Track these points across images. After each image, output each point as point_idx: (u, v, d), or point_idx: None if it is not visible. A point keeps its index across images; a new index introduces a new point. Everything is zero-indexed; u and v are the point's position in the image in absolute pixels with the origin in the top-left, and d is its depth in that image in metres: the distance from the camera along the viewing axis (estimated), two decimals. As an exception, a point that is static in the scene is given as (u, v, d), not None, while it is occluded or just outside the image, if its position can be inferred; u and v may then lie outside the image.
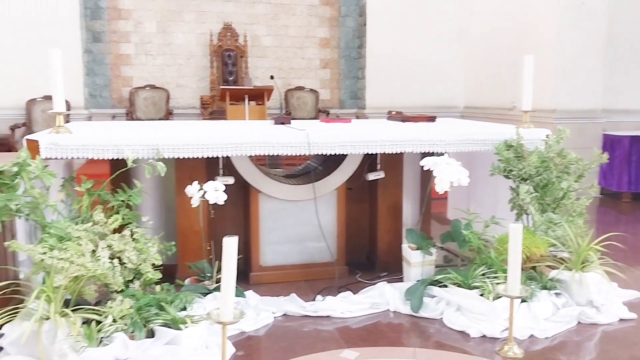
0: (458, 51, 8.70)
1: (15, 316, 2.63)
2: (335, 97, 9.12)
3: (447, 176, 3.22)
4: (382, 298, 3.41)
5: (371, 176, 3.92)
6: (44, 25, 7.23)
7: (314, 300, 3.41)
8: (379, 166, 3.94)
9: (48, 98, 7.20)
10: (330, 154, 3.58)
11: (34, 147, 3.02)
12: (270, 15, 8.59)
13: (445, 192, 3.53)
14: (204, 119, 7.97)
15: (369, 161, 3.97)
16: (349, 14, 8.87)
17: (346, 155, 3.81)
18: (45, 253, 2.61)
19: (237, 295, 2.76)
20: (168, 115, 8.17)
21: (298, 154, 3.50)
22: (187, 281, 3.44)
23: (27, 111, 7.28)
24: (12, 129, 7.16)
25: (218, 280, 3.34)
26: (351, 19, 8.89)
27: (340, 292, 3.54)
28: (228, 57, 8.40)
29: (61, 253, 2.61)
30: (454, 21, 8.62)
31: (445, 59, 8.70)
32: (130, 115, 8.02)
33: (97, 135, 3.22)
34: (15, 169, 2.84)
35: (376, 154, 3.83)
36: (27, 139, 3.09)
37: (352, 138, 3.53)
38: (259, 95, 7.00)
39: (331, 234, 3.87)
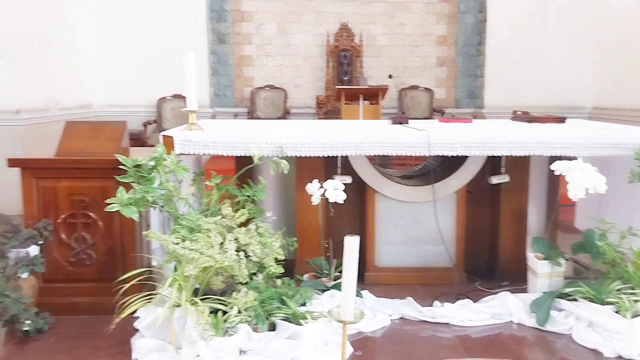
0: (586, 46, 8.05)
1: (148, 301, 2.81)
2: (451, 96, 8.88)
3: (582, 182, 3.00)
4: (504, 308, 3.25)
5: (494, 179, 3.76)
6: (174, 28, 7.73)
7: (431, 305, 3.33)
8: (503, 169, 3.77)
9: (177, 97, 7.72)
10: (449, 156, 3.48)
11: (169, 142, 3.21)
12: (386, 14, 8.55)
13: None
14: (319, 119, 8.11)
15: (492, 164, 3.81)
16: (469, 10, 8.60)
17: (466, 157, 3.68)
18: (177, 244, 2.76)
19: (354, 295, 2.77)
20: (285, 114, 8.40)
21: (415, 155, 3.44)
22: (305, 277, 3.50)
23: (157, 109, 7.83)
24: (145, 125, 7.73)
25: (336, 278, 3.40)
26: (470, 16, 8.61)
27: (458, 299, 3.42)
28: (344, 57, 8.47)
29: (192, 244, 2.76)
30: (581, 14, 8.02)
31: (572, 56, 8.11)
32: (251, 114, 8.34)
33: (225, 132, 3.36)
34: (152, 163, 3.05)
35: (500, 156, 3.67)
36: (163, 135, 3.29)
37: (475, 139, 3.40)
38: (374, 95, 6.99)
39: (449, 238, 3.75)
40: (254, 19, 8.39)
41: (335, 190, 3.16)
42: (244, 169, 3.31)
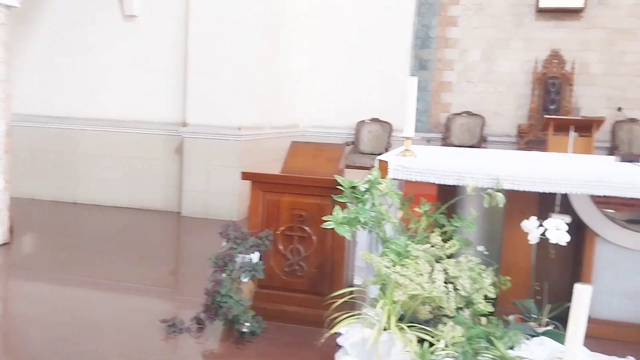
0: None
1: (349, 319, 2.87)
2: (677, 133, 7.84)
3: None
4: None
5: None
6: (378, 55, 8.01)
7: (658, 370, 2.93)
8: None
9: (375, 120, 7.96)
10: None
11: (383, 167, 3.28)
12: (605, 41, 7.86)
13: None
14: (519, 148, 7.73)
15: None
16: None
17: None
18: (389, 267, 2.79)
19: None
20: (481, 142, 8.15)
21: None
22: (511, 318, 3.31)
23: (356, 131, 8.13)
24: (345, 145, 8.07)
25: (546, 324, 3.16)
26: None
27: (693, 367, 2.96)
28: (551, 85, 7.98)
29: (403, 270, 2.77)
30: None
31: None
32: (445, 141, 8.25)
33: (439, 161, 3.35)
34: (366, 185, 3.14)
35: None
36: (379, 160, 3.38)
37: None
38: (585, 127, 6.47)
39: (683, 296, 3.28)
40: (458, 46, 8.31)
41: (557, 230, 2.95)
42: (455, 198, 3.25)
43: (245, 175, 3.42)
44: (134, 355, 3.01)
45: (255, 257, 3.24)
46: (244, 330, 3.09)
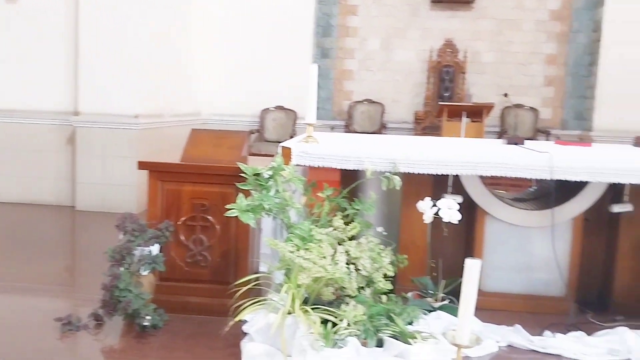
0: None
1: (254, 305, 2.87)
2: (557, 117, 8.54)
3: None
4: (623, 345, 3.04)
5: (616, 208, 3.54)
6: (280, 43, 7.98)
7: (540, 334, 3.18)
8: (626, 198, 3.55)
9: (279, 108, 7.96)
10: (565, 180, 3.32)
11: (287, 153, 3.30)
12: (494, 31, 8.37)
13: None
14: (416, 134, 8.06)
15: (613, 191, 3.60)
16: (581, 29, 8.24)
17: (586, 182, 3.50)
18: (293, 252, 2.82)
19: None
20: (382, 128, 8.41)
21: (534, 178, 3.32)
22: (409, 295, 3.46)
23: (260, 119, 8.09)
24: (249, 133, 8.01)
25: (442, 299, 3.34)
26: (583, 35, 8.25)
27: (569, 330, 3.25)
28: (446, 73, 8.37)
29: (306, 253, 2.81)
30: None
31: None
32: (348, 128, 8.42)
33: (340, 146, 3.41)
34: (270, 172, 3.14)
35: (623, 184, 3.46)
36: (282, 146, 3.39)
37: (600, 165, 3.23)
38: (476, 113, 6.85)
39: (561, 267, 3.58)
40: (358, 34, 8.49)
41: (449, 209, 3.11)
42: (356, 182, 3.33)
43: (142, 165, 3.30)
44: (28, 356, 2.83)
45: (155, 249, 3.15)
46: (145, 324, 3.00)
